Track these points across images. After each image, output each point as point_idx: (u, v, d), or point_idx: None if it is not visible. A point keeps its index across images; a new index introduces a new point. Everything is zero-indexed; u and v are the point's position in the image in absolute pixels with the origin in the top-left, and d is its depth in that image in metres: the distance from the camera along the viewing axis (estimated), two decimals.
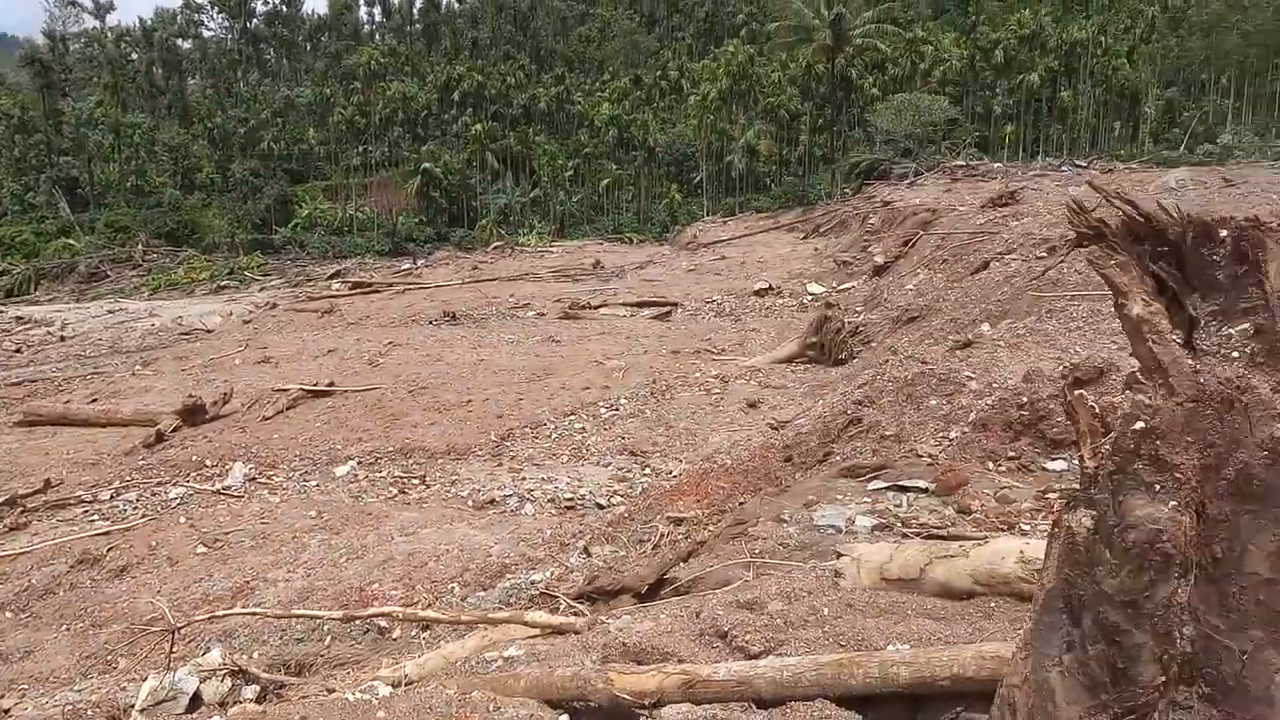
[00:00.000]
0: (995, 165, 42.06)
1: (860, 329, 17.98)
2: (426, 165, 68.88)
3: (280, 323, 27.12)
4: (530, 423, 14.64)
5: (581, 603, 6.62)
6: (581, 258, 42.10)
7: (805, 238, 39.18)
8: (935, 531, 5.61)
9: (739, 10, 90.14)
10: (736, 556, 5.91)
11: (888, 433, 8.43)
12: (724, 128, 65.57)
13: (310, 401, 15.97)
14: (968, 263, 18.17)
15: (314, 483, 12.18)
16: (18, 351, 28.94)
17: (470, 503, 11.51)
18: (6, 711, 6.50)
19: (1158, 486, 1.95)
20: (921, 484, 6.66)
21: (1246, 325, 2.04)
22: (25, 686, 7.22)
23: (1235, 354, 2.03)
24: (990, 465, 7.12)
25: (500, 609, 7.37)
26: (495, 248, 51.44)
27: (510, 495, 11.68)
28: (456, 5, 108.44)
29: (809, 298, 25.25)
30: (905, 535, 5.69)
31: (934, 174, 40.19)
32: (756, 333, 21.93)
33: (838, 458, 8.48)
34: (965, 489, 6.43)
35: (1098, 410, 2.12)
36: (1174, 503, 1.94)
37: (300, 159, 79.49)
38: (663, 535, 8.50)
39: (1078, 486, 2.12)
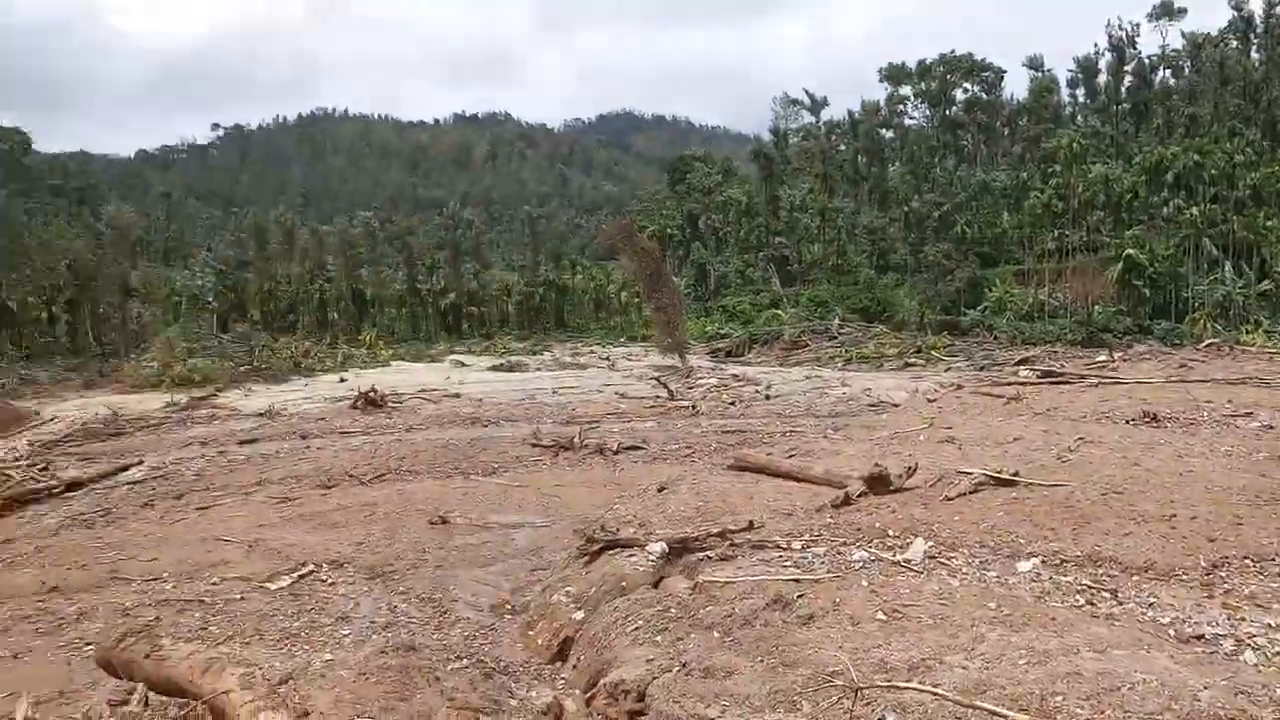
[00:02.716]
0: None
1: None
2: (1130, 252, 64.04)
3: (964, 405, 27.04)
4: (1253, 554, 12.26)
5: None
6: None
7: None
8: None
9: None
10: None
11: None
12: None
13: (992, 489, 15.48)
14: None
15: (993, 574, 11.66)
16: (732, 404, 33.59)
17: (1172, 632, 9.94)
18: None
19: None
20: None
21: None
22: (725, 703, 7.99)
23: None
24: None
25: None
26: (1208, 345, 45.51)
27: (1224, 635, 9.82)
28: (1172, 81, 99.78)
29: None
30: None
31: None
32: None
33: None
34: None
35: None
36: None
37: (993, 242, 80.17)
38: None
39: None
